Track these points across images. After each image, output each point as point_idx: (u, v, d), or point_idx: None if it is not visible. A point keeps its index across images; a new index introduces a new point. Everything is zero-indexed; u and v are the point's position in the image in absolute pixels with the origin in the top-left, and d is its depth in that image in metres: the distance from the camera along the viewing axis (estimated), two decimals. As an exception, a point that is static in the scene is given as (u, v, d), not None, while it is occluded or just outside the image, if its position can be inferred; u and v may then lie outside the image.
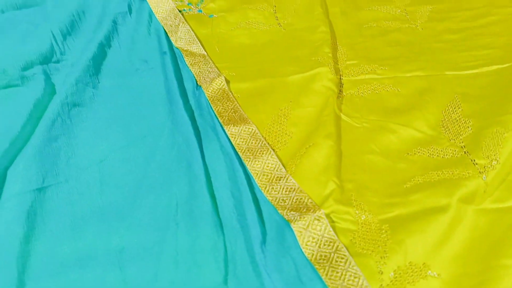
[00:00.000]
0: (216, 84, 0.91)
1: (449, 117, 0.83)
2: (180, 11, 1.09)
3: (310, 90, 0.90)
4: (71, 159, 0.77)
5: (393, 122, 0.83)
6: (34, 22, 0.99)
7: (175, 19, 1.07)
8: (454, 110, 0.84)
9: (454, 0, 1.10)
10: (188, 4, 1.13)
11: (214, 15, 1.10)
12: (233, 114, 0.87)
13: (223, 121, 0.86)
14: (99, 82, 0.90)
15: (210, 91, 0.90)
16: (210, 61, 0.97)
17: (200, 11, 1.11)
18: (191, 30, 1.05)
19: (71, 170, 0.76)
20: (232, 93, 0.91)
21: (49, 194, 0.72)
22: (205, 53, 0.99)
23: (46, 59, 0.92)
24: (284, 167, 0.79)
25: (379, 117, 0.85)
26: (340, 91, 0.91)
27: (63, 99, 0.84)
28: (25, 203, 0.69)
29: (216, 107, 0.88)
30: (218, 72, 0.94)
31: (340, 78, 0.94)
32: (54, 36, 0.96)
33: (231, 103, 0.89)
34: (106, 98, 0.87)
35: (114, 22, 1.02)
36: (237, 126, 0.84)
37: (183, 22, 1.06)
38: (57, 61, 0.93)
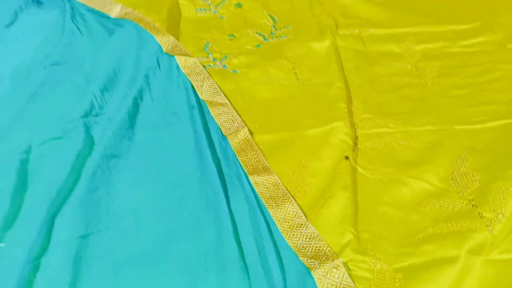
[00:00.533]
0: (241, 135, 0.99)
1: (458, 171, 0.89)
2: (204, 66, 1.19)
3: (327, 144, 0.97)
4: (110, 207, 0.85)
5: (405, 175, 0.89)
6: (75, 80, 1.09)
7: (200, 74, 1.16)
8: (462, 164, 0.90)
9: (462, 56, 1.18)
10: (213, 60, 1.23)
11: (238, 71, 1.19)
12: (257, 164, 0.94)
13: (247, 171, 0.93)
14: (134, 135, 0.98)
15: (235, 142, 0.98)
16: (234, 111, 1.05)
17: (224, 66, 1.20)
18: (215, 83, 1.13)
19: (110, 218, 0.83)
20: (256, 144, 0.98)
21: (92, 241, 0.79)
22: (228, 102, 1.07)
23: (86, 113, 1.01)
24: (305, 216, 0.85)
25: (392, 170, 0.92)
26: (356, 143, 0.98)
27: (102, 151, 0.92)
28: (72, 249, 0.76)
29: (241, 157, 0.95)
30: (242, 123, 1.01)
31: (355, 131, 1.00)
32: (93, 92, 1.05)
33: (255, 153, 0.96)
34: (141, 150, 0.95)
35: (146, 77, 1.12)
36: (260, 176, 0.91)
37: (207, 77, 1.15)
38: (96, 115, 1.02)
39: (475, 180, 0.86)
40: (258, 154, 0.96)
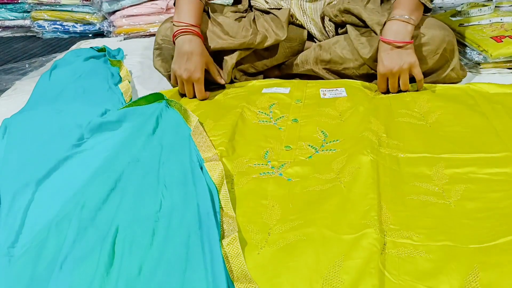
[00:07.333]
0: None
1: (469, 285, 0.99)
2: (263, 173, 1.40)
3: (359, 246, 1.10)
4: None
5: (423, 284, 1.00)
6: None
7: None
8: (474, 279, 1.01)
9: (487, 182, 1.31)
10: (271, 167, 1.45)
11: (292, 179, 1.39)
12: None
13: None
14: None
15: None
16: None
17: (280, 174, 1.41)
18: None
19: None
20: None
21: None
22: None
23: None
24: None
25: (411, 278, 1.02)
26: (383, 248, 1.11)
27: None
28: None
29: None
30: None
31: (384, 237, 1.14)
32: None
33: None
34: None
35: None
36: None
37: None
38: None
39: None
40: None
